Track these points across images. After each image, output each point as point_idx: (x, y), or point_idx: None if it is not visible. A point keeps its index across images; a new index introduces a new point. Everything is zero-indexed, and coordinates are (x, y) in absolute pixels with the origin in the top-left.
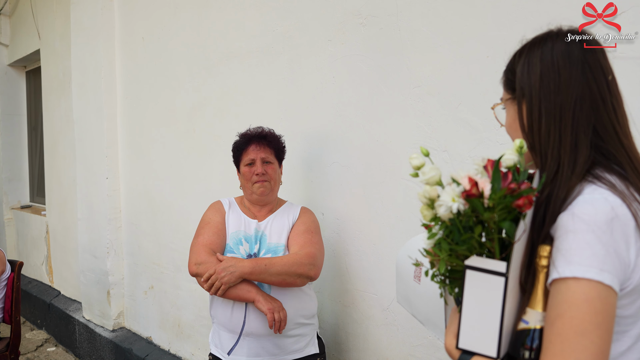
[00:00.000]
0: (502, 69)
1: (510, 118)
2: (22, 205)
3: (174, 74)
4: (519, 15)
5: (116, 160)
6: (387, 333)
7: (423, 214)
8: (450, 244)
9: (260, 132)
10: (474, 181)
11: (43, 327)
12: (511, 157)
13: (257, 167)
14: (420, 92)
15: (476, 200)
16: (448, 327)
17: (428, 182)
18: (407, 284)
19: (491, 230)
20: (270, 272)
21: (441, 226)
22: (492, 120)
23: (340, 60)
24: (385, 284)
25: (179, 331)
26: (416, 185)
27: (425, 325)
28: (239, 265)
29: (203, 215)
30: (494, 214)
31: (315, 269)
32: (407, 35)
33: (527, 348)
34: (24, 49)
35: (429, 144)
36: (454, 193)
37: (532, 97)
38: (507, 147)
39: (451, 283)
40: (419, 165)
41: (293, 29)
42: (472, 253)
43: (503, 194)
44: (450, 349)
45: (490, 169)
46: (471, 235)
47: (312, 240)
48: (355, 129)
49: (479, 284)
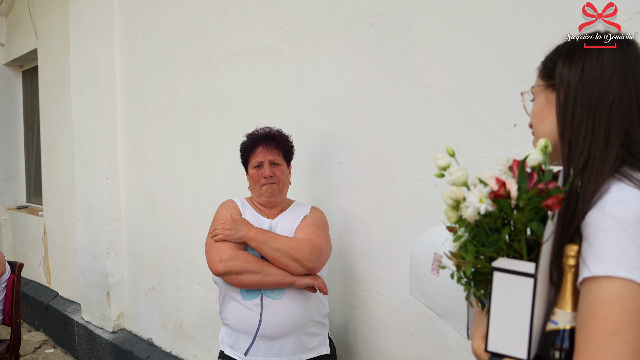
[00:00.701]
0: (515, 68)
1: (539, 106)
2: (18, 205)
3: (175, 73)
4: (532, 14)
5: (116, 160)
6: (397, 334)
7: (447, 216)
8: (477, 246)
9: (267, 132)
10: (501, 182)
11: (41, 328)
12: (536, 157)
13: (265, 169)
14: (431, 92)
15: (503, 201)
16: (474, 330)
17: (455, 182)
18: (423, 277)
19: (518, 231)
20: (269, 245)
21: (467, 228)
22: (505, 119)
23: (348, 60)
24: (395, 285)
25: (180, 332)
26: (426, 185)
27: (442, 317)
28: (244, 229)
29: (216, 214)
30: (522, 215)
31: (316, 262)
32: (417, 34)
33: (557, 348)
34: (21, 48)
35: (439, 144)
36: (481, 194)
37: (570, 85)
38: (521, 147)
39: (476, 285)
40: (444, 165)
41: (299, 28)
42: (500, 255)
43: (533, 195)
44: (478, 352)
45: (516, 169)
46: (499, 236)
47: (319, 234)
48: (363, 129)
49: (508, 286)
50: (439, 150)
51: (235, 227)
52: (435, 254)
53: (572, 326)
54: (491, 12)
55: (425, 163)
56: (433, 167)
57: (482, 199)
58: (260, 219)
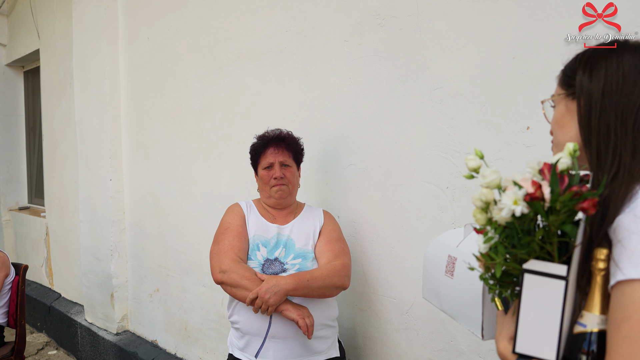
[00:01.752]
0: (528, 70)
1: (559, 114)
2: (20, 206)
3: (180, 74)
4: (546, 16)
5: (120, 161)
6: (407, 337)
7: (476, 218)
8: (507, 248)
9: (278, 134)
10: (538, 184)
11: (43, 330)
12: (565, 161)
13: (276, 170)
14: (442, 94)
15: (538, 204)
16: (498, 332)
17: (489, 185)
18: (437, 279)
19: (552, 234)
20: (312, 287)
21: (497, 230)
22: (518, 122)
23: (357, 62)
24: (405, 287)
25: (185, 335)
26: (437, 188)
27: (456, 319)
28: (281, 284)
29: (222, 220)
30: (558, 217)
31: (349, 280)
32: (428, 36)
33: (584, 352)
34: (23, 49)
35: (450, 146)
36: (516, 196)
37: (592, 94)
38: (534, 150)
39: (501, 287)
40: (475, 167)
41: (307, 29)
42: (531, 256)
43: (569, 197)
44: (505, 354)
45: (547, 173)
46: (532, 238)
47: (344, 250)
48: (372, 131)
49: (538, 288)
50: (450, 153)
51: (271, 291)
52: (450, 256)
53: (601, 329)
54: (504, 14)
55: (436, 165)
56: (444, 170)
57: (517, 201)
58: (265, 224)
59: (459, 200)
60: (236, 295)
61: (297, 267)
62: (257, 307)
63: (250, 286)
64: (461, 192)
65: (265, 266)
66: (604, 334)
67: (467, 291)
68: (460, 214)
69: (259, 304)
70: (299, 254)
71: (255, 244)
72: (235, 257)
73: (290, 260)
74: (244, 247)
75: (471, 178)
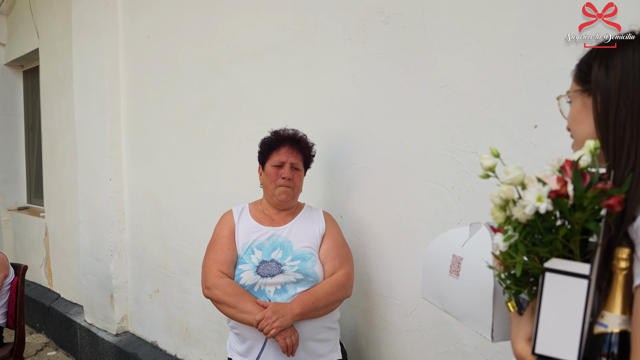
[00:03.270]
0: (536, 68)
1: (575, 110)
2: (19, 206)
3: (181, 73)
4: (555, 12)
5: (120, 161)
6: (411, 339)
7: (494, 216)
8: (528, 246)
9: (294, 134)
10: (564, 181)
11: (42, 330)
12: (586, 159)
13: (286, 171)
14: (447, 92)
15: (562, 201)
16: (515, 333)
17: (512, 182)
18: (439, 279)
19: (575, 232)
20: (318, 308)
21: (517, 228)
22: (525, 120)
23: (361, 60)
24: (409, 288)
25: (186, 336)
26: (442, 188)
27: (461, 320)
28: (287, 309)
29: (214, 229)
30: (583, 214)
31: (352, 289)
32: (433, 33)
33: (604, 354)
34: (22, 48)
35: (456, 145)
36: (540, 193)
37: (609, 89)
38: (542, 149)
39: (518, 286)
40: (491, 166)
41: (310, 27)
42: (554, 255)
43: (595, 194)
44: (524, 355)
45: (569, 170)
46: (555, 236)
47: (348, 256)
48: (376, 130)
49: (560, 287)
50: (455, 152)
51: (278, 314)
52: (455, 256)
53: (622, 329)
54: (511, 10)
55: (441, 165)
56: (450, 169)
57: (542, 197)
58: (258, 227)
59: (464, 200)
60: (222, 310)
61: (295, 268)
62: (262, 328)
63: (233, 303)
64: (467, 191)
65: (261, 268)
66: (625, 334)
67: (474, 292)
68: (466, 214)
69: (263, 325)
70: (298, 255)
71: (250, 249)
72: (217, 272)
73: (288, 261)
74: (228, 258)
75: (487, 178)
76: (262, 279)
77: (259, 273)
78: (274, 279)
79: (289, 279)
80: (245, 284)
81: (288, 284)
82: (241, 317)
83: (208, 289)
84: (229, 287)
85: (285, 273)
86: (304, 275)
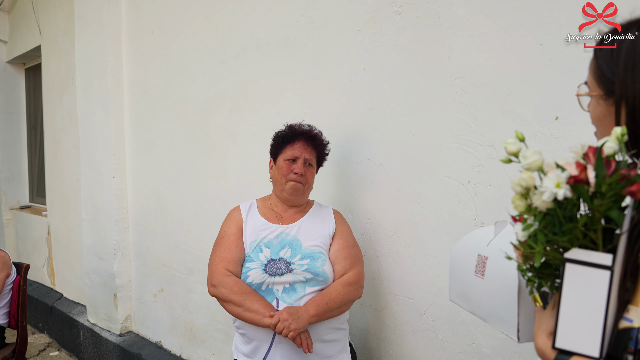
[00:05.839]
0: (557, 57)
1: (600, 114)
2: (21, 205)
3: (185, 68)
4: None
5: (123, 158)
6: (424, 339)
7: (515, 204)
8: (548, 236)
9: (309, 130)
10: (582, 165)
11: (45, 330)
12: (611, 145)
13: (299, 166)
14: (463, 84)
15: (581, 187)
16: (537, 327)
17: (530, 167)
18: (465, 280)
19: (596, 220)
20: (331, 309)
21: (537, 217)
22: (546, 112)
23: (372, 52)
24: (423, 287)
25: (191, 336)
26: (457, 183)
27: (488, 321)
28: (302, 311)
29: (221, 225)
30: (603, 202)
31: (362, 289)
32: (448, 23)
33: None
34: (24, 46)
35: (472, 139)
36: (559, 179)
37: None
38: (563, 141)
39: (540, 279)
40: (515, 151)
41: (319, 19)
42: (573, 245)
43: (615, 180)
44: (544, 349)
45: (592, 156)
46: (574, 225)
47: (359, 256)
48: (388, 124)
49: (581, 279)
50: (471, 146)
51: (294, 315)
52: (480, 255)
53: None
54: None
55: (456, 159)
56: (465, 163)
57: (560, 184)
58: (267, 226)
59: (481, 196)
60: (228, 309)
61: (305, 267)
62: (279, 330)
63: (239, 302)
64: (483, 186)
65: (269, 266)
66: None
67: (499, 291)
68: (482, 209)
69: (281, 327)
70: (307, 254)
71: (258, 247)
72: (223, 270)
73: (297, 260)
74: (235, 257)
75: (509, 162)
76: (270, 277)
77: (267, 272)
78: (282, 277)
79: (297, 278)
80: (253, 282)
81: (297, 283)
82: (247, 315)
83: (214, 287)
84: (236, 286)
85: (294, 272)
86: (314, 275)
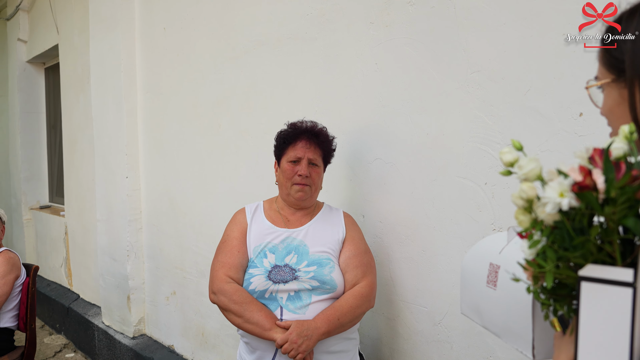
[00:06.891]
0: (581, 48)
1: (613, 102)
2: (41, 205)
3: (197, 65)
4: None
5: (136, 158)
6: (439, 351)
7: (519, 220)
8: (558, 252)
9: (312, 127)
10: (587, 170)
11: (62, 331)
12: (620, 146)
13: (302, 167)
14: (480, 78)
15: (589, 194)
16: (557, 355)
17: (527, 176)
18: (477, 291)
19: (610, 231)
20: (343, 324)
21: (544, 231)
22: (569, 107)
23: (384, 45)
24: (437, 295)
25: (203, 340)
26: (474, 184)
27: (501, 337)
28: (313, 328)
29: (225, 228)
30: (615, 209)
31: (375, 299)
32: (463, 13)
33: None
34: (43, 45)
35: (489, 137)
36: (562, 187)
37: None
38: (587, 140)
39: (556, 301)
40: (512, 160)
41: (329, 12)
42: (587, 260)
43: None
44: None
45: (599, 159)
46: (586, 238)
47: (371, 264)
48: (401, 122)
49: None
50: (489, 145)
51: (303, 336)
52: (492, 264)
53: None
54: None
55: (473, 159)
56: (482, 163)
57: (564, 192)
58: (273, 230)
59: (499, 198)
60: (228, 318)
61: (311, 274)
62: (287, 351)
63: (240, 312)
64: (502, 188)
65: (273, 273)
66: None
67: (513, 304)
68: (500, 213)
69: (288, 349)
70: (314, 260)
71: (262, 252)
72: (224, 277)
73: (303, 267)
74: (237, 262)
75: (509, 174)
76: (273, 285)
77: (271, 278)
78: (287, 285)
79: (303, 285)
80: (256, 289)
81: (302, 291)
82: (247, 327)
83: (214, 294)
84: (236, 294)
85: (299, 279)
86: (320, 283)
